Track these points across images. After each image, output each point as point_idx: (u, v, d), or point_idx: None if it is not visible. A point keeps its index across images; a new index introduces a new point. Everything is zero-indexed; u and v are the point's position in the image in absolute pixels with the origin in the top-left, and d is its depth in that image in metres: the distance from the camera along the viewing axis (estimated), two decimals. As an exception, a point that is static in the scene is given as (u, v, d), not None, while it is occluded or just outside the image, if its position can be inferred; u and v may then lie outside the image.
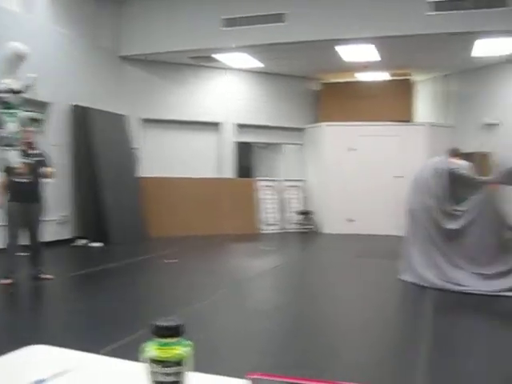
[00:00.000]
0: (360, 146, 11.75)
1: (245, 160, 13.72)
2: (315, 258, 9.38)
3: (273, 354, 3.92)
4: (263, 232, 12.04)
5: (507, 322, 5.05)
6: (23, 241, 6.20)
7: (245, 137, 12.83)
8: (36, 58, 7.13)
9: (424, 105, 12.94)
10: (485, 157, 11.02)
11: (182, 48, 10.52)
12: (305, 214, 12.32)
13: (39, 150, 6.33)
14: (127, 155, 10.82)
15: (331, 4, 9.55)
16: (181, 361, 0.84)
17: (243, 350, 3.97)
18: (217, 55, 11.02)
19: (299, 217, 12.36)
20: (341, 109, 12.23)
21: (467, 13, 8.76)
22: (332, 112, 12.26)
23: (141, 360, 0.86)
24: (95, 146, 9.72)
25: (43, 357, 1.13)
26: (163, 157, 11.67)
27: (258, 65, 11.68)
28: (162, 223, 10.83)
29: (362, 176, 11.65)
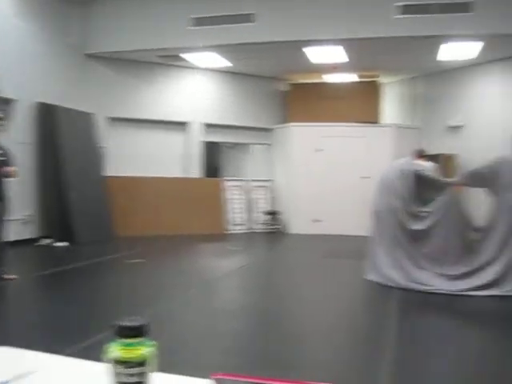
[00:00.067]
0: (327, 147, 11.83)
1: (212, 160, 13.70)
2: (282, 258, 9.42)
3: (238, 354, 3.93)
4: (230, 232, 12.04)
5: (471, 321, 5.15)
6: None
7: (212, 136, 12.80)
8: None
9: (391, 106, 13.11)
10: (450, 159, 11.24)
11: (150, 47, 10.44)
12: (272, 214, 12.36)
13: (2, 149, 6.19)
14: (94, 154, 10.68)
15: (300, 5, 9.60)
16: (144, 361, 0.84)
17: (209, 350, 3.97)
18: (185, 55, 10.97)
19: (266, 217, 12.39)
20: (308, 109, 12.31)
21: (433, 17, 8.92)
22: (300, 113, 12.32)
23: (105, 361, 0.86)
24: (61, 145, 9.58)
25: (6, 358, 1.11)
26: (131, 156, 11.56)
27: (227, 64, 11.67)
28: (130, 223, 10.73)
29: (329, 176, 11.74)
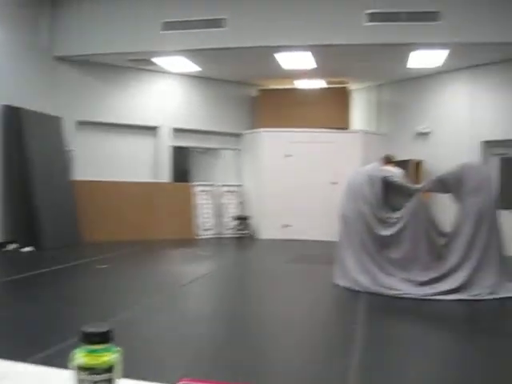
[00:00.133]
0: (296, 152, 11.89)
1: (182, 164, 13.64)
2: (251, 264, 9.42)
3: (206, 360, 3.91)
4: (200, 237, 12.00)
5: (438, 325, 5.22)
6: None
7: (182, 141, 12.75)
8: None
9: (360, 113, 13.25)
10: (418, 165, 11.41)
11: (121, 50, 10.34)
12: (241, 220, 12.36)
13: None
14: (61, 158, 10.52)
15: (271, 11, 9.64)
16: (109, 368, 0.83)
17: (175, 356, 3.94)
18: (156, 59, 10.92)
19: (236, 222, 12.38)
20: (278, 115, 12.35)
21: (403, 25, 9.05)
22: (269, 118, 12.36)
23: (70, 368, 0.84)
24: (27, 148, 9.42)
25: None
26: (99, 160, 11.43)
27: (196, 69, 11.65)
28: (98, 228, 10.61)
29: (299, 182, 11.79)
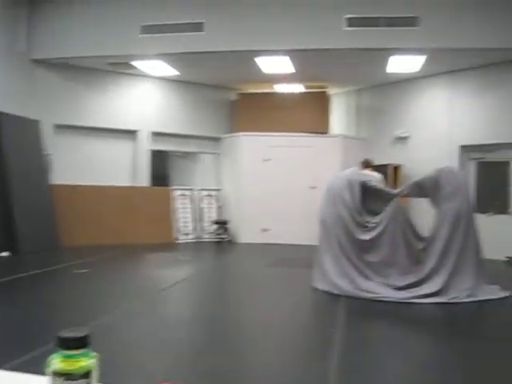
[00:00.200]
0: (276, 157, 11.90)
1: (161, 169, 13.58)
2: (230, 268, 9.40)
3: (185, 364, 3.89)
4: (179, 241, 11.95)
5: (417, 328, 5.25)
6: None
7: (161, 145, 12.69)
8: None
9: (339, 117, 13.31)
10: (397, 169, 11.49)
11: (99, 53, 10.25)
12: (220, 224, 12.33)
13: None
14: (39, 162, 10.40)
15: (249, 15, 9.66)
16: (86, 373, 0.81)
17: (155, 361, 3.91)
18: (135, 62, 10.86)
19: (215, 226, 12.35)
20: (257, 119, 12.36)
21: (381, 30, 9.13)
22: (249, 122, 12.36)
23: (46, 374, 0.83)
24: (4, 151, 9.28)
25: None
26: (78, 164, 11.31)
27: (174, 73, 11.62)
28: (77, 232, 10.50)
29: (278, 186, 11.80)
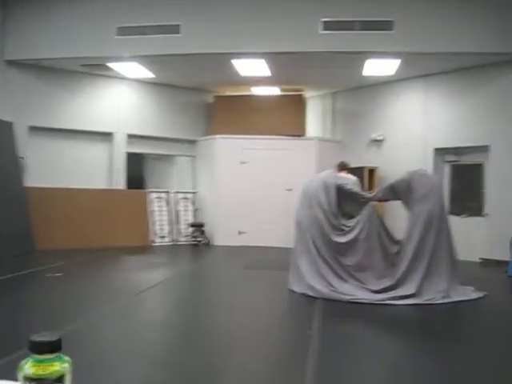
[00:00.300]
0: (252, 159, 11.91)
1: (138, 171, 13.50)
2: (206, 270, 9.37)
3: (160, 368, 3.86)
4: (155, 244, 11.88)
5: (392, 329, 5.29)
6: None
7: (137, 147, 12.60)
8: None
9: (315, 120, 13.37)
10: (371, 172, 11.58)
11: (74, 55, 10.11)
12: (197, 227, 12.28)
13: None
14: (13, 164, 10.25)
15: (226, 18, 9.65)
16: (59, 378, 0.80)
17: (132, 364, 3.88)
18: (111, 64, 10.76)
19: (191, 229, 12.31)
20: (234, 122, 12.34)
21: (357, 33, 9.21)
22: (225, 125, 12.33)
23: (19, 379, 0.82)
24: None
25: None
26: (53, 166, 11.17)
27: (150, 75, 11.57)
28: (51, 235, 10.35)
29: (254, 189, 11.80)
